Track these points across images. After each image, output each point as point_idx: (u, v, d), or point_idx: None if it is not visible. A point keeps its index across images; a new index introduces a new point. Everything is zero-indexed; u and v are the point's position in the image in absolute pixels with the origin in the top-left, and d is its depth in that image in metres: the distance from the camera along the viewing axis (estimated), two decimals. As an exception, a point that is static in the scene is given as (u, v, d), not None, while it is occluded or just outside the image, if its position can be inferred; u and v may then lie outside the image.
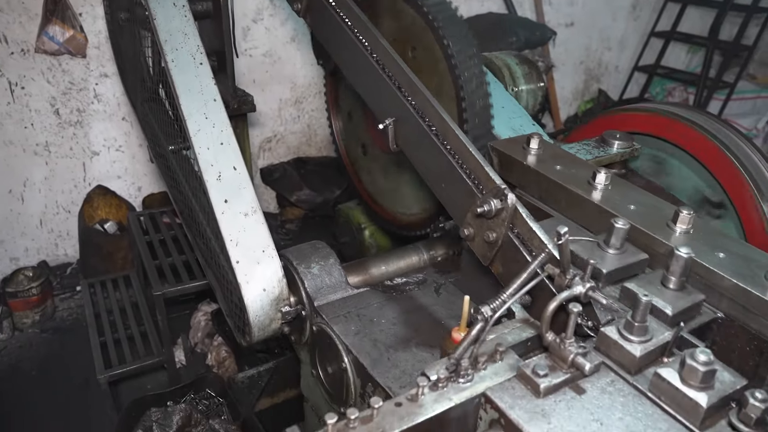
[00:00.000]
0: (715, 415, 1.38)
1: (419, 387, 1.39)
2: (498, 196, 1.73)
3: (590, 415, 1.37)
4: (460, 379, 1.43)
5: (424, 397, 1.40)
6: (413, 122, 2.03)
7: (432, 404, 1.39)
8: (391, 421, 1.35)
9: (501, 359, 1.50)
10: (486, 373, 1.46)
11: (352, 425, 1.33)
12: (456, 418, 1.42)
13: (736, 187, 2.75)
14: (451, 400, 1.40)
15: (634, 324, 1.47)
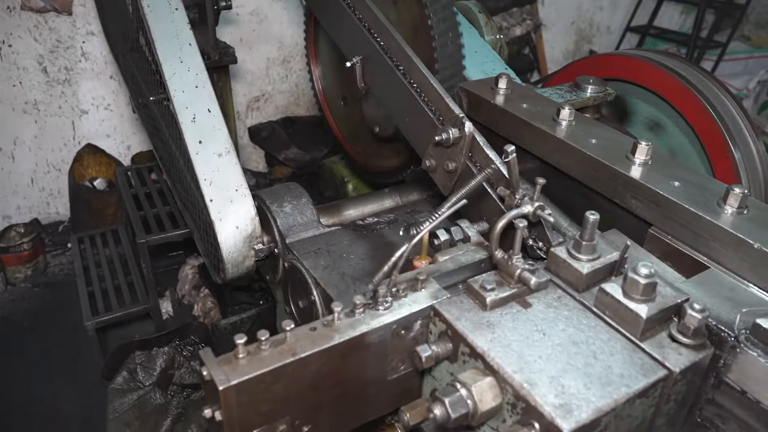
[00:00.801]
0: (656, 327, 1.43)
1: (335, 313, 1.42)
2: (456, 125, 1.76)
3: (534, 327, 1.42)
4: (379, 306, 1.46)
5: (340, 322, 1.43)
6: (380, 60, 2.06)
7: (346, 329, 1.41)
8: (303, 345, 1.38)
9: (422, 288, 1.52)
10: (405, 301, 1.49)
11: (263, 346, 1.36)
12: (373, 343, 1.45)
13: (709, 133, 2.77)
14: (367, 325, 1.43)
15: (582, 243, 1.52)
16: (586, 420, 1.22)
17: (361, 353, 1.45)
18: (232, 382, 1.29)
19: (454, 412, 1.29)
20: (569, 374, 1.31)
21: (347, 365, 1.44)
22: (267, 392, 1.35)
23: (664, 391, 1.36)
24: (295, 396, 1.41)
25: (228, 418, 1.33)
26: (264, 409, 1.37)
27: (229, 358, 1.34)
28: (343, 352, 1.42)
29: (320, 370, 1.41)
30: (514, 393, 1.29)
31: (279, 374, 1.34)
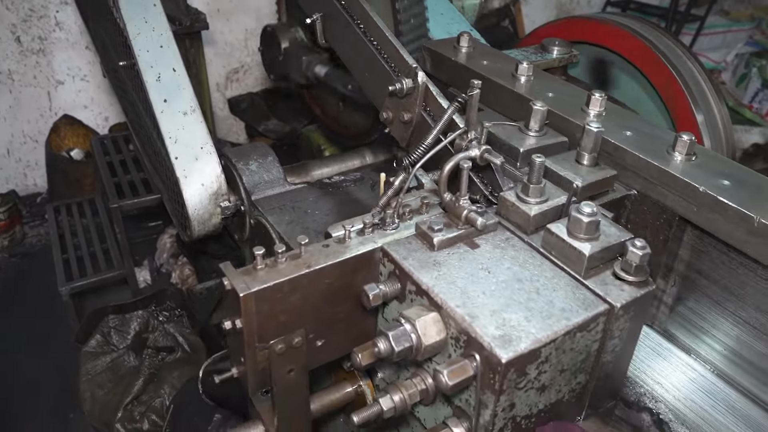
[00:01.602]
0: (600, 265, 1.47)
1: (346, 230, 1.50)
2: (410, 76, 1.78)
3: (480, 265, 1.46)
4: (387, 226, 1.54)
5: (351, 240, 1.51)
6: (338, 16, 2.07)
7: (357, 246, 1.50)
8: (317, 258, 1.47)
9: (427, 212, 1.60)
10: (411, 223, 1.57)
11: (280, 259, 1.44)
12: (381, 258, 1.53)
13: (673, 96, 2.80)
14: (375, 243, 1.51)
15: (529, 186, 1.55)
16: (524, 350, 1.26)
17: (370, 270, 1.53)
18: (252, 289, 1.37)
19: (397, 346, 1.32)
20: (511, 308, 1.34)
21: (358, 281, 1.51)
22: (284, 302, 1.43)
23: (607, 326, 1.40)
24: (311, 308, 1.49)
25: (248, 326, 1.41)
26: (282, 320, 1.45)
27: (248, 269, 1.42)
28: (354, 267, 1.50)
29: (333, 284, 1.49)
30: (457, 326, 1.32)
31: (295, 285, 1.43)
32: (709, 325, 1.77)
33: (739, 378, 1.72)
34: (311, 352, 1.56)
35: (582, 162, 1.75)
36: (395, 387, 1.42)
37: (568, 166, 1.74)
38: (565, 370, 1.39)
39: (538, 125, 1.85)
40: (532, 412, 1.39)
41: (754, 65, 6.43)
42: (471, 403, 1.35)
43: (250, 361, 1.47)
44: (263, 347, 1.46)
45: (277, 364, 1.49)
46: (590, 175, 1.72)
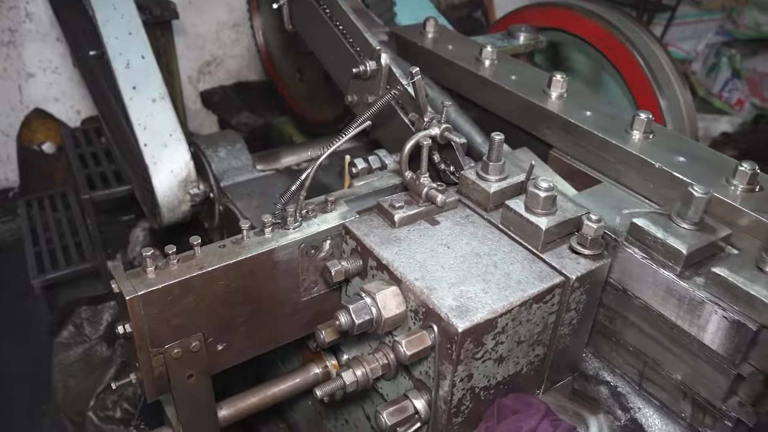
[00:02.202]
0: (556, 240, 1.50)
1: (243, 231, 1.47)
2: (373, 58, 1.80)
3: (439, 241, 1.48)
4: (288, 225, 1.51)
5: (249, 240, 1.47)
6: (304, 1, 2.08)
7: (254, 246, 1.46)
8: (211, 259, 1.43)
9: (332, 209, 1.58)
10: (314, 221, 1.54)
11: (172, 260, 1.39)
12: (282, 261, 1.50)
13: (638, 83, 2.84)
14: (275, 242, 1.47)
15: (489, 164, 1.58)
16: (480, 320, 1.29)
17: (270, 270, 1.49)
18: (138, 292, 1.33)
19: (358, 318, 1.34)
20: (469, 281, 1.37)
21: (258, 282, 1.49)
22: (176, 305, 1.39)
23: (563, 299, 1.44)
24: (207, 311, 1.45)
25: (138, 330, 1.37)
26: (175, 323, 1.41)
27: (138, 272, 1.38)
28: (252, 269, 1.46)
29: (230, 286, 1.45)
30: (416, 299, 1.35)
31: (187, 287, 1.39)
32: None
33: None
34: (212, 356, 1.52)
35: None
36: (357, 362, 1.45)
37: (528, 145, 1.77)
38: (522, 342, 1.42)
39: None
40: (490, 383, 1.42)
41: (724, 55, 6.52)
42: (430, 375, 1.38)
43: (144, 366, 1.42)
44: (158, 352, 1.42)
45: (174, 369, 1.45)
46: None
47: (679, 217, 1.44)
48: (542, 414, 1.43)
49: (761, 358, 1.31)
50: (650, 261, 1.42)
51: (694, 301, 1.36)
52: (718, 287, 1.32)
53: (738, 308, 1.30)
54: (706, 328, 1.35)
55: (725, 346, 1.33)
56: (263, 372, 2.25)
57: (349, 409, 1.85)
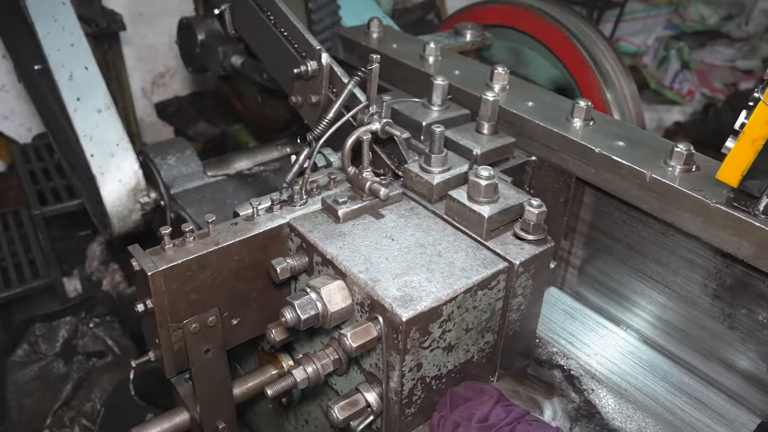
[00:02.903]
0: (500, 227, 1.51)
1: (253, 208, 1.52)
2: (314, 58, 1.81)
3: (384, 234, 1.49)
4: (295, 203, 1.56)
5: (260, 217, 1.53)
6: (246, 4, 2.08)
7: (266, 222, 1.51)
8: (226, 235, 1.48)
9: (335, 187, 1.63)
10: (319, 198, 1.58)
11: (188, 238, 1.44)
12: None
13: (582, 73, 2.89)
14: (284, 218, 1.53)
15: (431, 156, 1.59)
16: (425, 309, 1.29)
17: (280, 246, 1.54)
18: (159, 268, 1.38)
19: (303, 314, 1.34)
20: (413, 271, 1.38)
21: (269, 257, 1.51)
22: (194, 280, 1.44)
23: (509, 284, 1.45)
24: (222, 286, 1.50)
25: (159, 306, 1.41)
26: (193, 298, 1.46)
27: (156, 250, 1.43)
28: (264, 243, 1.51)
29: (244, 261, 1.50)
30: (361, 291, 1.35)
31: (204, 262, 1.44)
32: (616, 283, 1.84)
33: (646, 331, 1.80)
34: (227, 331, 1.57)
35: (482, 131, 1.80)
36: (308, 359, 1.44)
37: (468, 135, 1.79)
38: (470, 329, 1.43)
39: (440, 99, 1.90)
40: (441, 372, 1.43)
41: (672, 48, 6.65)
42: (380, 367, 1.38)
43: (164, 341, 1.47)
44: (177, 327, 1.47)
45: (193, 344, 1.50)
46: (489, 143, 1.77)
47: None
48: (495, 400, 1.44)
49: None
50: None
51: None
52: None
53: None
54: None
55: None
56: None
57: (308, 409, 1.84)
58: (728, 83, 6.31)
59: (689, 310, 1.68)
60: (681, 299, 1.69)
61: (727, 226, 1.47)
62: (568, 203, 1.85)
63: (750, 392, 1.61)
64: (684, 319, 1.70)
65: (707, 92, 6.26)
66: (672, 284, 1.70)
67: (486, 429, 1.37)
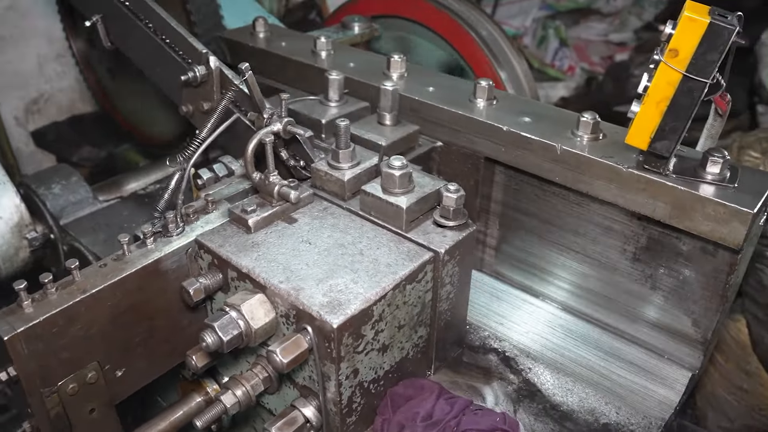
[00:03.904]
0: (419, 217, 1.46)
1: (122, 245, 1.36)
2: (202, 63, 1.70)
3: (300, 238, 1.41)
4: (170, 232, 1.42)
5: (131, 254, 1.38)
6: (119, 14, 1.94)
7: (138, 259, 1.37)
8: (93, 281, 1.32)
9: (213, 209, 1.50)
10: (198, 224, 1.46)
11: (50, 290, 1.28)
12: (170, 270, 1.41)
13: (473, 55, 2.89)
14: (159, 252, 1.38)
15: (339, 152, 1.52)
16: (355, 312, 1.23)
17: (160, 282, 1.40)
18: (18, 329, 1.21)
19: (225, 335, 1.24)
20: (337, 274, 1.31)
21: (148, 297, 1.39)
22: (63, 336, 1.28)
23: (436, 274, 1.40)
24: (98, 337, 1.34)
25: (24, 372, 1.24)
26: (65, 356, 1.30)
27: (12, 308, 1.26)
28: (140, 284, 1.36)
29: (119, 306, 1.35)
30: (284, 303, 1.27)
31: (72, 314, 1.28)
32: (536, 258, 1.83)
33: (572, 302, 1.80)
34: (112, 384, 1.41)
35: (384, 122, 1.75)
36: (236, 381, 1.34)
37: (371, 128, 1.74)
38: (403, 326, 1.37)
39: (337, 95, 1.83)
40: (378, 375, 1.37)
41: (550, 27, 6.86)
42: (314, 379, 1.30)
43: (38, 410, 1.30)
44: (51, 391, 1.30)
45: (73, 407, 1.34)
46: (393, 133, 1.73)
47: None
48: (436, 394, 1.39)
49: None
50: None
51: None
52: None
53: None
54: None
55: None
56: (144, 413, 2.08)
57: (240, 434, 1.74)
58: (604, 56, 6.55)
59: (611, 276, 1.70)
60: (602, 266, 1.70)
61: (641, 189, 1.48)
62: (478, 185, 1.82)
63: (679, 348, 1.63)
64: (607, 286, 1.71)
65: (586, 66, 6.48)
66: (591, 253, 1.71)
67: (432, 426, 1.32)
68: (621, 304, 1.71)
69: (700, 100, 1.36)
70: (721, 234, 1.41)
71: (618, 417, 1.48)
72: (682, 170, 1.47)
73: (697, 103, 1.36)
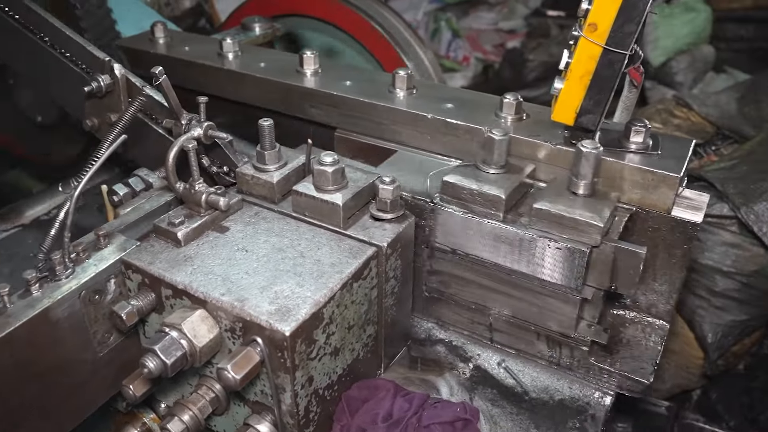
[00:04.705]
0: (356, 213, 1.42)
1: (2, 296, 1.21)
2: (105, 71, 1.59)
3: (235, 247, 1.33)
4: (57, 276, 1.27)
5: (13, 305, 1.22)
6: (5, 26, 1.79)
7: (22, 310, 1.21)
8: None
9: (106, 245, 1.36)
10: (89, 263, 1.32)
11: None
12: (62, 318, 1.26)
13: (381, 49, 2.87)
14: (48, 299, 1.24)
15: (264, 153, 1.45)
16: (306, 316, 1.17)
17: (50, 333, 1.25)
18: None
19: (169, 358, 1.16)
20: (280, 279, 1.24)
21: (39, 351, 1.24)
22: None
23: (380, 269, 1.36)
24: None
25: None
26: None
27: None
28: (27, 339, 1.21)
29: (5, 366, 1.19)
30: (229, 316, 1.19)
31: None
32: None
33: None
34: None
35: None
36: (181, 406, 1.25)
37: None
38: (352, 326, 1.33)
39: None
40: (332, 380, 1.31)
41: (441, 19, 6.96)
42: (267, 393, 1.23)
43: None
44: None
45: None
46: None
47: (485, 164, 1.44)
48: (392, 393, 1.36)
49: (597, 276, 1.34)
50: (471, 214, 1.40)
51: (525, 241, 1.36)
52: (543, 221, 1.34)
53: (567, 236, 1.31)
54: (543, 264, 1.37)
55: (565, 275, 1.35)
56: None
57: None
58: (496, 44, 6.70)
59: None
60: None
61: (570, 164, 1.48)
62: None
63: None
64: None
65: (480, 55, 6.61)
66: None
67: (394, 426, 1.28)
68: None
69: (621, 72, 1.38)
70: (651, 201, 1.44)
71: (572, 391, 1.48)
72: (607, 142, 1.48)
73: (618, 74, 1.38)
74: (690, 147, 1.50)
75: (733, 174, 2.82)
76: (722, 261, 2.77)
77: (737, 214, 2.70)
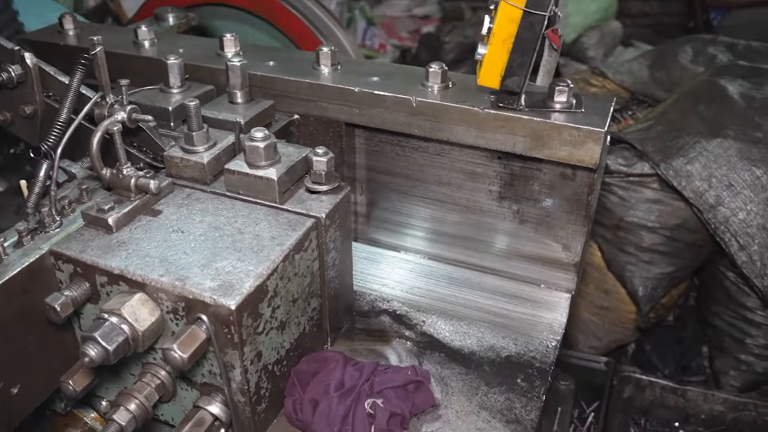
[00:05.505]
0: (292, 187, 1.41)
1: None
2: (15, 61, 1.52)
3: (170, 229, 1.30)
4: (48, 228, 1.29)
5: (8, 256, 1.23)
6: None
7: (19, 260, 1.22)
8: None
9: (89, 198, 1.37)
10: (76, 215, 1.34)
11: None
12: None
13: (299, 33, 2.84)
14: (42, 248, 1.25)
15: (192, 134, 1.42)
16: (250, 289, 1.15)
17: (47, 281, 1.26)
18: None
19: (110, 344, 1.12)
20: (220, 256, 1.22)
21: (37, 298, 1.23)
22: None
23: (321, 241, 1.36)
24: None
25: None
26: None
27: None
28: (25, 286, 1.22)
29: (5, 314, 1.20)
30: (170, 296, 1.16)
31: None
32: (405, 217, 1.84)
33: (448, 253, 1.82)
34: (9, 404, 1.26)
35: (236, 101, 1.67)
36: (126, 396, 1.22)
37: (224, 108, 1.65)
38: (297, 299, 1.32)
39: (179, 80, 1.72)
40: (281, 355, 1.30)
41: (355, 8, 6.95)
42: (216, 372, 1.21)
43: None
44: None
45: None
46: (249, 110, 1.65)
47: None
48: (342, 363, 1.36)
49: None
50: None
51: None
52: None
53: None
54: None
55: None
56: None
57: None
58: (412, 30, 6.76)
59: (481, 219, 1.74)
60: (470, 211, 1.74)
61: (499, 126, 1.52)
62: (343, 153, 1.79)
63: (554, 275, 1.71)
64: (479, 229, 1.75)
65: (396, 42, 6.65)
66: (459, 200, 1.74)
67: (347, 394, 1.28)
68: (494, 245, 1.76)
69: (541, 33, 1.42)
70: (578, 156, 1.48)
71: (517, 347, 1.52)
72: (533, 104, 1.53)
73: (539, 36, 1.42)
74: (611, 105, 1.56)
75: (650, 134, 2.94)
76: (647, 217, 2.88)
77: (657, 171, 2.81)
